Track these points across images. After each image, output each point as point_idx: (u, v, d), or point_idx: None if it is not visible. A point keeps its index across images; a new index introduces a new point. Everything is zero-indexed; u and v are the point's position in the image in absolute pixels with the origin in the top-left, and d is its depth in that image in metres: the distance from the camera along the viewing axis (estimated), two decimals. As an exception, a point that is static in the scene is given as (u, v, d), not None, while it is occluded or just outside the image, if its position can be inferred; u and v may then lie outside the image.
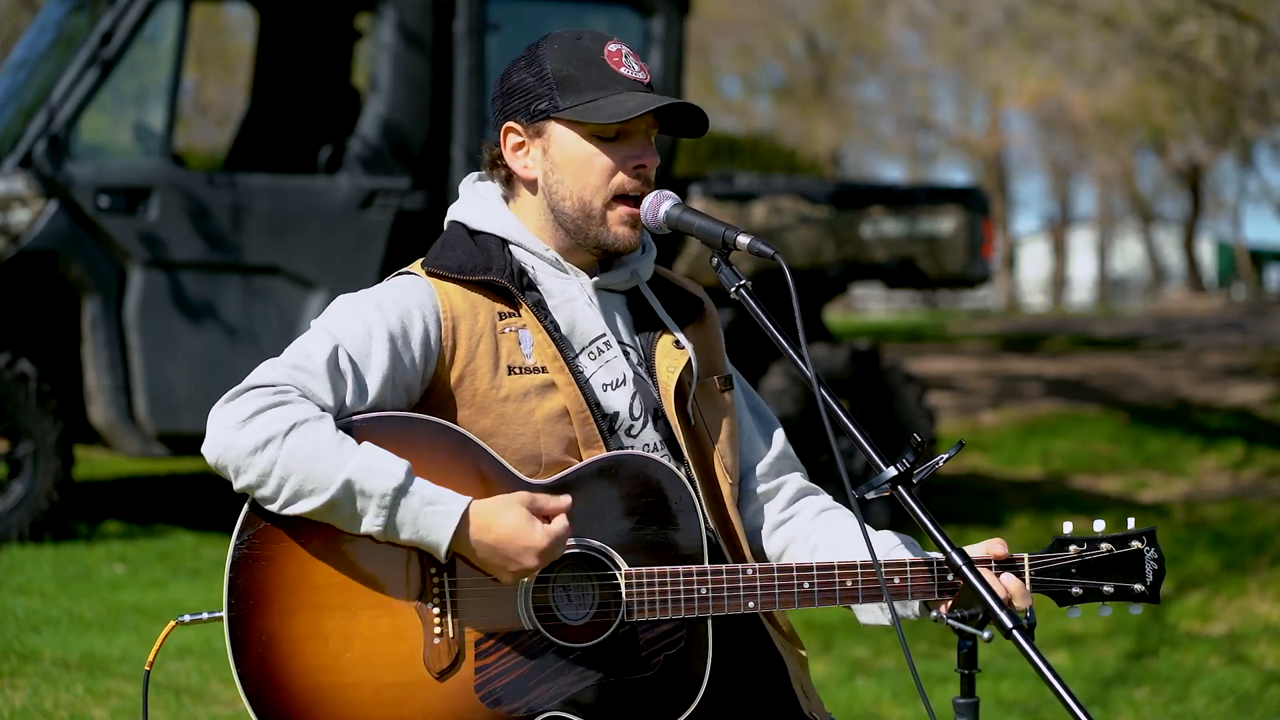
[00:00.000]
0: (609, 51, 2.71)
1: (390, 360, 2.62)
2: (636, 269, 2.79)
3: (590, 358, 2.73)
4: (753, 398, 2.94)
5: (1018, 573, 2.70)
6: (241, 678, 2.54)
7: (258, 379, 2.57)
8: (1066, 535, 2.74)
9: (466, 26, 8.92)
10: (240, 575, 2.55)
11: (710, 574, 2.63)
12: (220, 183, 8.67)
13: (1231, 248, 46.57)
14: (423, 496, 2.52)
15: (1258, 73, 16.32)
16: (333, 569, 2.56)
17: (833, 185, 10.63)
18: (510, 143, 2.78)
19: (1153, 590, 2.74)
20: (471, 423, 2.65)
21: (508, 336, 2.68)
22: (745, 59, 33.45)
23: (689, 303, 2.84)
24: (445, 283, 2.70)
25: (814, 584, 2.65)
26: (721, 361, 2.85)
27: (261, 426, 2.51)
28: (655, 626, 2.62)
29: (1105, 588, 2.73)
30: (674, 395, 2.74)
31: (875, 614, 2.78)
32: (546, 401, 2.67)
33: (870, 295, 36.84)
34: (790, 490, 2.89)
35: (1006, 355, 18.68)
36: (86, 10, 8.87)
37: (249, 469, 2.52)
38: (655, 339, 2.78)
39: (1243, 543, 9.17)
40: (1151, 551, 2.74)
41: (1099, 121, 31.58)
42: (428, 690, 2.56)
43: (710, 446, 2.77)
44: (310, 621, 2.55)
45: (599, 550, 2.62)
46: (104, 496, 9.99)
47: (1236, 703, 6.15)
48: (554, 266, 2.74)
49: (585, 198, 2.71)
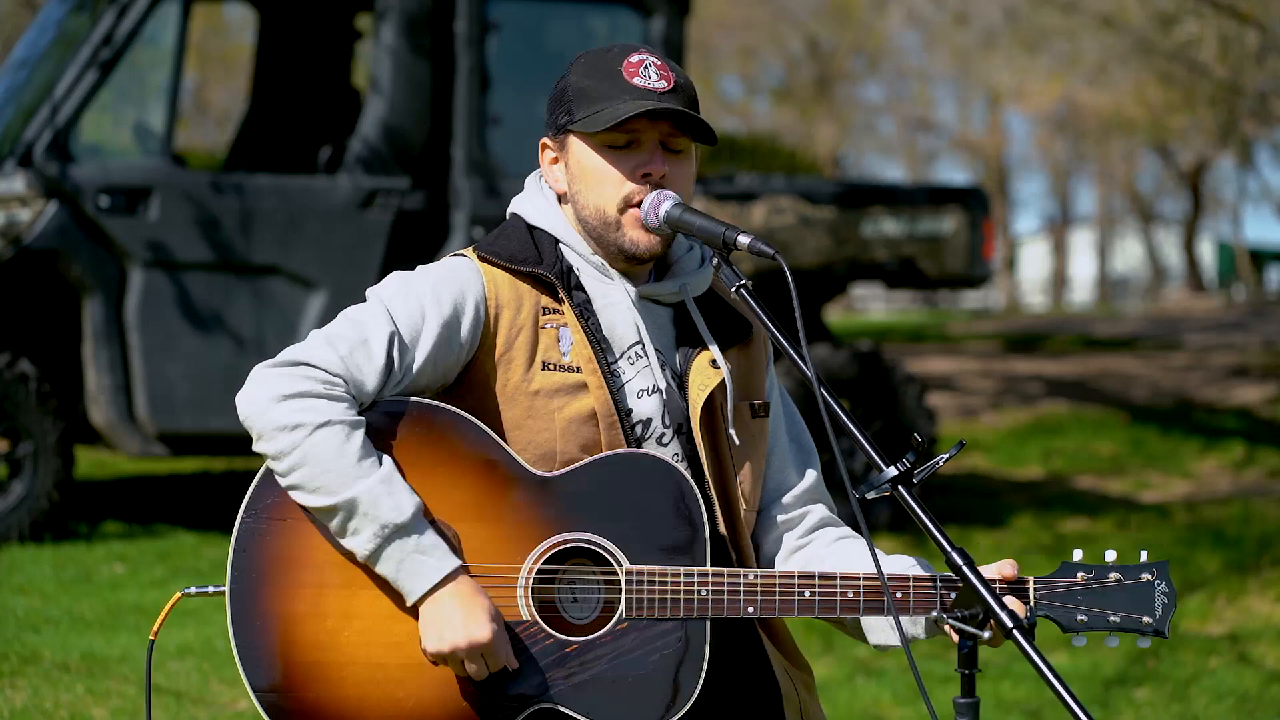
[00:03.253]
0: (628, 62, 2.71)
1: (437, 344, 2.64)
2: (687, 283, 2.79)
3: (629, 362, 2.74)
4: (796, 426, 2.93)
5: (1022, 595, 2.68)
6: (239, 650, 2.56)
7: (314, 357, 2.58)
8: (1075, 562, 2.70)
9: (466, 27, 8.92)
10: (244, 549, 2.57)
11: (711, 577, 2.63)
12: (220, 183, 8.68)
13: (1231, 248, 46.59)
14: (417, 544, 2.55)
15: (1258, 73, 16.32)
16: (335, 547, 2.58)
17: (833, 185, 10.62)
18: (546, 158, 2.81)
19: (1161, 624, 2.69)
20: (500, 411, 2.67)
21: (548, 332, 2.70)
22: (746, 59, 33.46)
23: (737, 324, 2.84)
24: (495, 270, 2.72)
25: (815, 592, 2.65)
26: (761, 388, 2.85)
27: (298, 410, 2.54)
28: (654, 625, 2.63)
29: (1112, 617, 2.69)
30: (703, 413, 2.74)
31: (886, 634, 2.77)
32: (576, 401, 2.68)
33: (871, 295, 36.86)
34: (812, 521, 2.89)
35: (1007, 355, 18.69)
36: (87, 10, 8.87)
37: (271, 440, 2.55)
38: (694, 355, 2.77)
39: (1244, 543, 9.17)
40: (1162, 585, 2.69)
41: (1099, 122, 31.59)
42: (423, 673, 2.58)
43: (732, 470, 2.77)
44: (310, 599, 2.57)
45: (601, 545, 2.63)
46: (104, 496, 9.99)
47: (1237, 703, 6.15)
48: (600, 271, 2.75)
49: (601, 206, 2.72)
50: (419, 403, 2.63)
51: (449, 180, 8.94)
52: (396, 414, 2.60)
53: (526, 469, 2.63)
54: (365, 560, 2.55)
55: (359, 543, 2.54)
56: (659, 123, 2.69)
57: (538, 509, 2.62)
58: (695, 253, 2.83)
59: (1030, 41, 19.94)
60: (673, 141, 2.72)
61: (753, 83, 35.77)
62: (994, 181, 38.36)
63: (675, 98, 2.70)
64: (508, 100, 9.02)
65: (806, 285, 9.65)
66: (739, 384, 2.80)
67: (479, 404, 2.67)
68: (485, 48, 8.99)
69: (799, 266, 9.44)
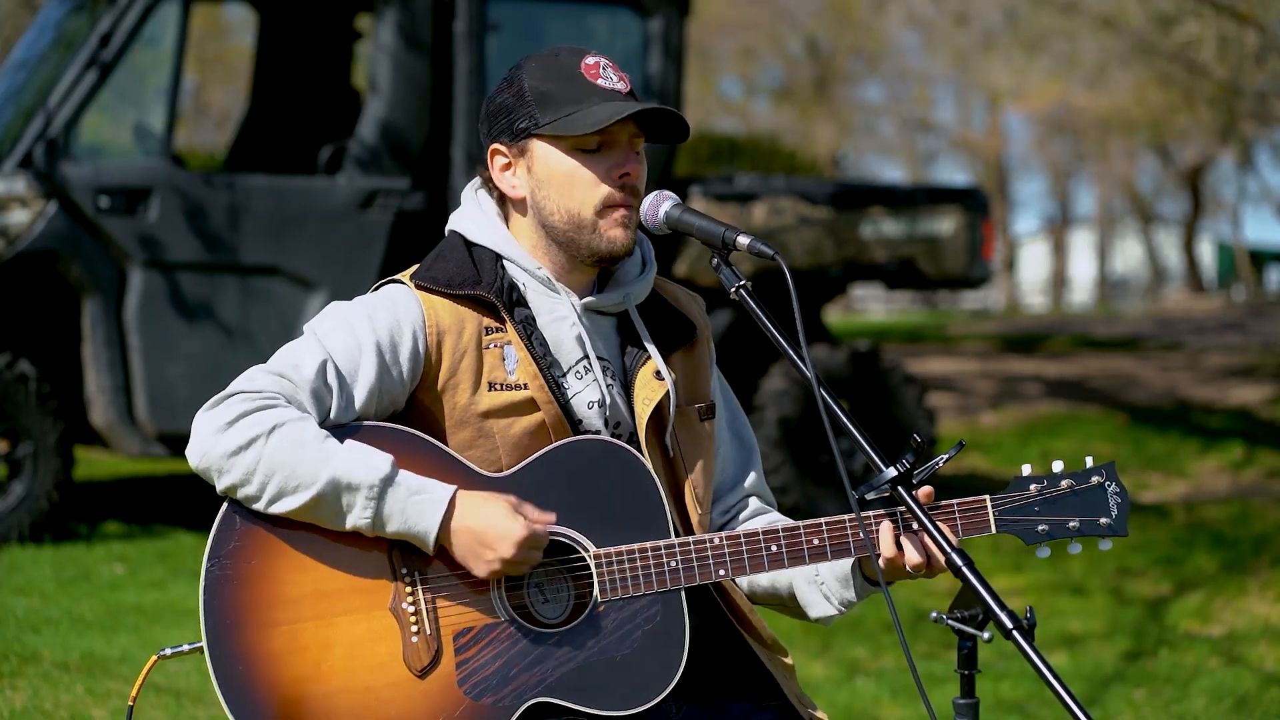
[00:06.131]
0: (586, 65, 2.70)
1: (378, 374, 2.65)
2: (630, 291, 2.79)
3: (577, 376, 2.74)
4: (737, 421, 2.95)
5: (980, 513, 2.71)
6: (226, 698, 2.56)
7: (243, 385, 2.60)
8: (1026, 475, 2.75)
9: (466, 27, 8.93)
10: (214, 598, 2.57)
11: (679, 547, 2.65)
12: (220, 183, 8.68)
13: (1231, 248, 46.57)
14: (409, 487, 2.55)
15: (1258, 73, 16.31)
16: (304, 581, 2.58)
17: (833, 186, 10.62)
18: (497, 164, 2.79)
19: (1119, 523, 2.74)
20: (450, 435, 2.68)
21: (492, 352, 2.70)
22: (745, 60, 33.45)
23: (681, 327, 2.84)
24: (433, 296, 2.71)
25: (781, 546, 2.68)
26: (706, 389, 2.86)
27: (244, 429, 2.54)
28: (630, 604, 2.64)
29: (1070, 523, 2.73)
30: (651, 423, 2.75)
31: (824, 606, 2.79)
32: (526, 418, 2.69)
33: (870, 296, 36.85)
34: (747, 512, 2.92)
35: (1006, 356, 18.68)
36: (86, 11, 8.87)
37: (231, 469, 2.55)
38: (638, 366, 2.77)
39: (1242, 543, 9.18)
40: (1113, 486, 2.75)
41: (1099, 122, 31.59)
42: (411, 689, 2.58)
43: (684, 475, 2.79)
44: (287, 636, 2.57)
45: (566, 535, 2.64)
46: (104, 496, 10.00)
47: (1235, 703, 6.15)
48: (545, 285, 2.75)
49: (573, 210, 2.71)
50: (361, 425, 2.64)
51: (449, 180, 8.94)
52: (340, 436, 2.61)
53: (479, 472, 2.64)
54: (373, 530, 2.56)
55: (357, 515, 2.55)
56: (626, 123, 2.70)
57: None
58: (636, 257, 2.83)
59: (1030, 42, 19.93)
60: (635, 142, 2.74)
61: (752, 83, 35.78)
62: (994, 182, 38.35)
63: (633, 98, 2.71)
64: (507, 101, 9.01)
65: (806, 286, 9.65)
66: (685, 388, 2.81)
67: (428, 430, 2.68)
68: (485, 48, 8.99)
69: (798, 267, 9.44)
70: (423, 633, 2.58)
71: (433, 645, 2.58)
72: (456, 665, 2.59)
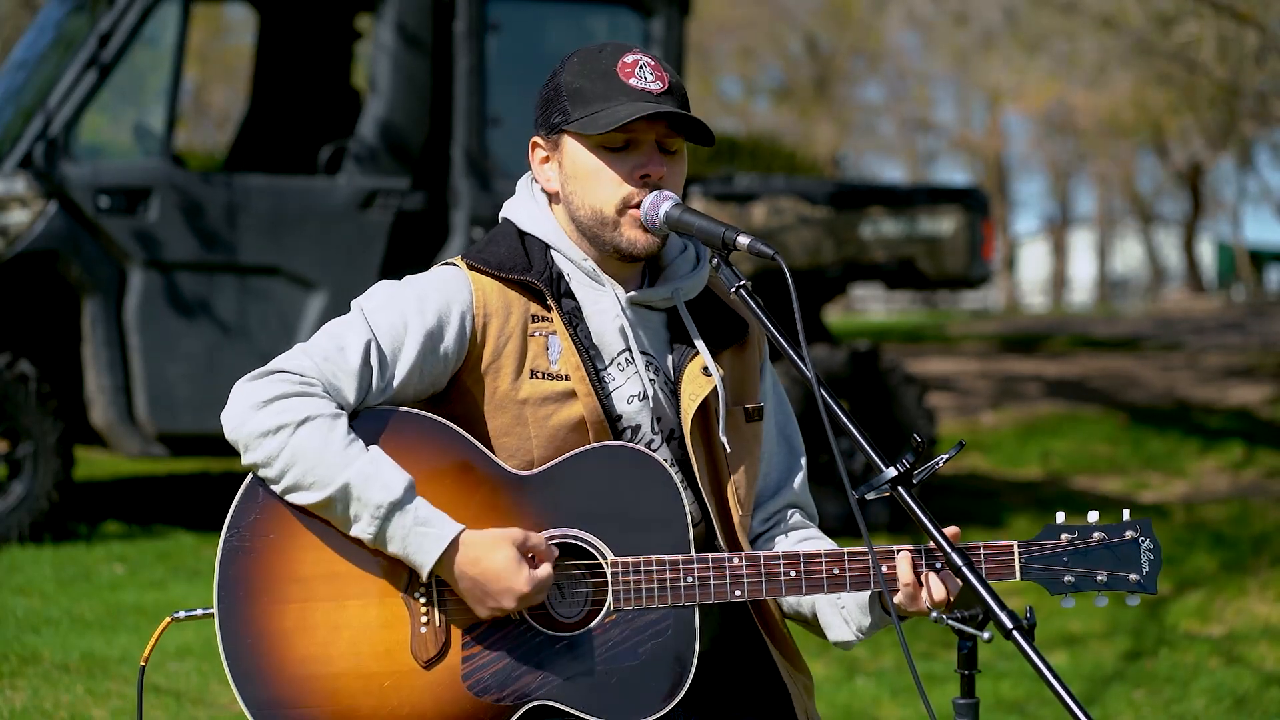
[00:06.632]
0: (623, 62, 2.70)
1: (420, 355, 2.65)
2: (680, 287, 2.78)
3: (619, 369, 2.74)
4: (789, 426, 2.93)
5: (1007, 559, 2.69)
6: (231, 668, 2.57)
7: (287, 364, 2.61)
8: (1058, 524, 2.73)
9: (466, 27, 8.92)
10: (229, 568, 2.58)
11: (696, 563, 2.64)
12: (220, 183, 8.67)
13: (1231, 248, 46.57)
14: (416, 516, 2.55)
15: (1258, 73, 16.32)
16: (320, 561, 2.59)
17: (832, 186, 10.62)
18: (537, 156, 2.80)
19: (1149, 580, 2.70)
20: (489, 419, 2.68)
21: (537, 340, 2.71)
22: (745, 60, 33.45)
23: (732, 325, 2.83)
24: (483, 278, 2.72)
25: (800, 572, 2.66)
26: (755, 391, 2.85)
27: (277, 412, 2.56)
28: (642, 615, 2.64)
29: (1099, 576, 2.69)
30: (696, 420, 2.74)
31: (844, 630, 2.78)
32: (565, 409, 2.69)
33: (870, 296, 36.85)
34: (786, 526, 2.89)
35: (1006, 356, 18.68)
36: (86, 11, 8.87)
37: (257, 449, 2.57)
38: (686, 361, 2.77)
39: (1242, 543, 9.17)
40: (1147, 542, 2.71)
41: (1099, 122, 31.58)
42: (415, 679, 2.58)
43: (727, 475, 2.77)
44: (298, 613, 2.57)
45: (585, 540, 2.64)
46: (104, 496, 9.99)
47: (1235, 703, 6.15)
48: (590, 277, 2.75)
49: (597, 207, 2.72)
50: (393, 411, 2.64)
51: (449, 180, 8.94)
52: (372, 424, 2.62)
53: (505, 469, 2.64)
54: (373, 543, 2.57)
55: (361, 528, 2.56)
56: (656, 123, 2.69)
57: (519, 508, 2.63)
58: (690, 254, 2.82)
59: (1029, 42, 19.94)
60: (668, 142, 2.73)
61: (752, 83, 35.77)
62: (993, 182, 38.35)
63: (671, 98, 2.70)
64: (507, 100, 9.02)
65: (806, 286, 9.65)
66: (733, 388, 2.80)
67: (466, 412, 2.68)
68: (485, 48, 8.99)
69: (798, 267, 9.44)
70: (432, 624, 2.59)
71: (441, 637, 2.59)
72: (463, 660, 2.60)
